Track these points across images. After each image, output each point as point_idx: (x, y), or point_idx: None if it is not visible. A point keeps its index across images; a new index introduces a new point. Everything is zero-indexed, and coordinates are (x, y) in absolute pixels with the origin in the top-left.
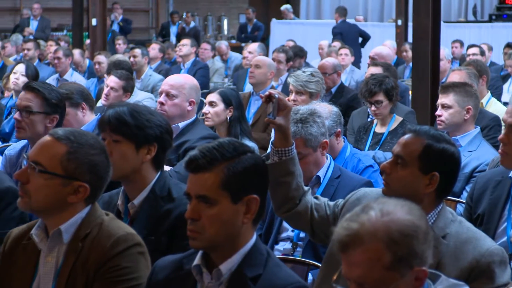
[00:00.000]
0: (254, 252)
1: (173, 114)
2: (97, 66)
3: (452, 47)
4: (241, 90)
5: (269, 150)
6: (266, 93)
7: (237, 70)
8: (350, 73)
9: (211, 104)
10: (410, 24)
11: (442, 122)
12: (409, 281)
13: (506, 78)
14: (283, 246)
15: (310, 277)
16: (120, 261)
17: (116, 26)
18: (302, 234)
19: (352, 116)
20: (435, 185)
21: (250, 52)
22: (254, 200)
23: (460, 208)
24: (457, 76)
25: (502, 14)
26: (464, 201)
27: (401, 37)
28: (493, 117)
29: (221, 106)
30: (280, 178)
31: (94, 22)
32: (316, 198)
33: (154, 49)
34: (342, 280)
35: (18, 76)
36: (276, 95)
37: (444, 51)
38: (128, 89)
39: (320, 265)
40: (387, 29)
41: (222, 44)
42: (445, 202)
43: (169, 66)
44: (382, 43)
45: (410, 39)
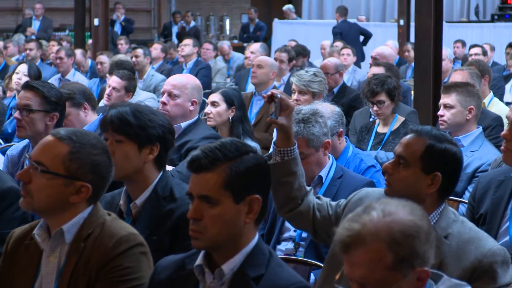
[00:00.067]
0: (256, 252)
1: (175, 114)
2: (99, 66)
3: (454, 47)
4: (243, 90)
5: (271, 150)
6: (269, 93)
7: (239, 70)
8: (352, 73)
9: (213, 104)
10: (412, 24)
11: (444, 122)
12: (411, 281)
13: (508, 78)
14: (285, 246)
15: (312, 277)
16: (122, 261)
17: (118, 26)
18: (304, 234)
19: (354, 116)
20: (437, 185)
21: (252, 52)
22: (256, 200)
23: (462, 208)
24: (459, 76)
25: (504, 14)
26: (466, 201)
27: (403, 37)
28: (495, 117)
29: (223, 106)
30: (282, 178)
31: (96, 22)
32: (318, 198)
33: (156, 49)
34: (344, 280)
35: (21, 76)
36: (278, 95)
37: (446, 51)
38: (130, 89)
39: (322, 265)
40: (389, 29)
41: (224, 44)
42: (447, 202)
43: (171, 66)
44: (384, 43)
45: (412, 39)
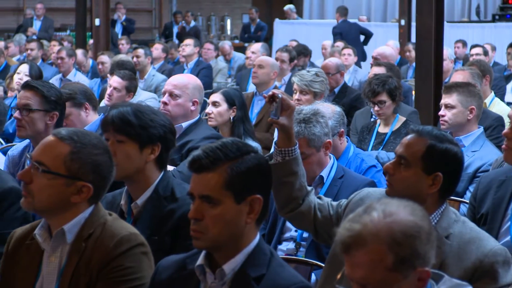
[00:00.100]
0: (258, 252)
1: (176, 114)
2: (100, 66)
3: (454, 47)
4: (244, 90)
5: (272, 150)
6: (270, 93)
7: (240, 70)
8: (353, 73)
9: (214, 104)
10: (413, 24)
11: (445, 122)
12: (412, 281)
13: (509, 78)
14: (286, 246)
15: (313, 277)
16: (123, 261)
17: (119, 26)
18: (306, 234)
19: (355, 116)
20: (439, 185)
21: (253, 52)
22: (257, 200)
23: (463, 208)
24: (460, 76)
25: (505, 14)
26: (467, 201)
27: (404, 37)
28: (496, 117)
29: (224, 106)
30: (283, 178)
31: (97, 22)
32: (319, 198)
33: (157, 49)
34: (345, 280)
35: (22, 76)
36: (279, 95)
37: (447, 51)
38: (131, 89)
39: (323, 265)
40: (390, 29)
41: (225, 44)
42: (448, 202)
43: (172, 66)
44: (385, 43)
45: (413, 39)
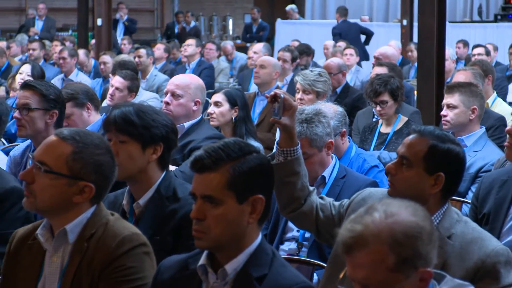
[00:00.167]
0: (260, 252)
1: (178, 114)
2: (102, 66)
3: (455, 47)
4: (246, 90)
5: (274, 150)
6: (272, 93)
7: (242, 70)
8: (355, 73)
9: (216, 104)
10: (415, 24)
11: (448, 122)
12: (413, 282)
13: (511, 78)
14: (289, 246)
15: (315, 277)
16: (125, 261)
17: (121, 26)
18: (308, 234)
19: (357, 116)
20: (441, 185)
21: (255, 52)
22: (259, 200)
23: (465, 208)
24: (462, 76)
25: (507, 14)
26: (469, 201)
27: (406, 37)
28: (498, 117)
29: (226, 106)
30: (285, 178)
31: (99, 22)
32: (321, 198)
33: (159, 49)
34: (347, 280)
35: (24, 76)
36: (281, 95)
37: (448, 51)
38: (133, 89)
39: (325, 265)
40: (392, 29)
41: (228, 44)
42: (450, 202)
43: (174, 66)
44: (387, 43)
45: (415, 39)
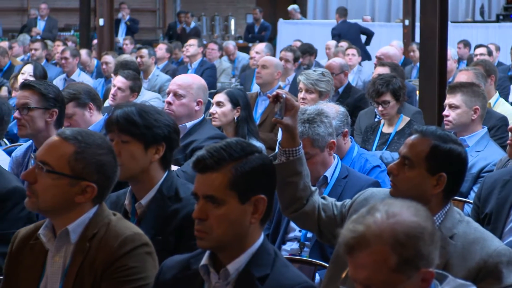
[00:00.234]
0: (262, 252)
1: (180, 114)
2: (104, 66)
3: (456, 47)
4: (248, 90)
5: (276, 150)
6: (274, 93)
7: (244, 70)
8: (357, 73)
9: (219, 104)
10: (417, 24)
11: (450, 122)
12: (415, 282)
13: None
14: (291, 246)
15: (317, 277)
16: (127, 261)
17: (123, 26)
18: (310, 234)
19: (359, 116)
20: (443, 185)
21: (257, 52)
22: (261, 200)
23: (467, 208)
24: (464, 76)
25: (509, 14)
26: (471, 201)
27: (408, 37)
28: (500, 117)
29: (228, 106)
30: (287, 178)
31: (101, 22)
32: (323, 198)
33: (161, 49)
34: (349, 281)
35: (26, 76)
36: (283, 95)
37: (450, 51)
38: (135, 89)
39: (327, 265)
40: (394, 29)
41: (230, 44)
42: (452, 202)
43: (176, 66)
44: (389, 43)
45: (417, 39)
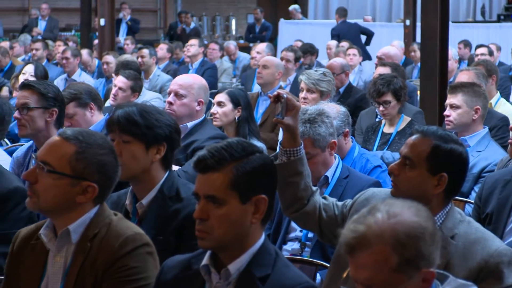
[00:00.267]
0: (263, 252)
1: (181, 114)
2: (105, 66)
3: (457, 48)
4: (249, 90)
5: (277, 150)
6: (275, 93)
7: (245, 70)
8: (358, 73)
9: (220, 104)
10: (418, 24)
11: (451, 122)
12: (416, 282)
13: None
14: (292, 246)
15: (318, 277)
16: (128, 261)
17: (124, 26)
18: (311, 234)
19: (360, 116)
20: (444, 186)
21: (258, 52)
22: (262, 200)
23: (468, 208)
24: (465, 76)
25: (510, 14)
26: (472, 201)
27: (409, 37)
28: (501, 117)
29: (229, 106)
30: (288, 178)
31: (102, 22)
32: (324, 198)
33: (162, 49)
34: (350, 280)
35: (27, 76)
36: (284, 95)
37: (451, 51)
38: (136, 89)
39: (328, 265)
40: (395, 29)
41: (231, 44)
42: (453, 202)
43: (177, 66)
44: (390, 43)
45: (418, 39)
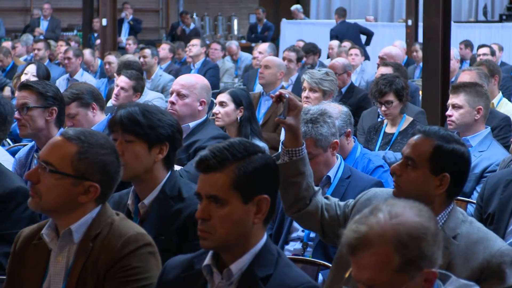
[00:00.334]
0: (265, 252)
1: (183, 113)
2: (107, 66)
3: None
4: (251, 90)
5: (279, 150)
6: (277, 93)
7: (247, 70)
8: (360, 73)
9: (222, 104)
10: (420, 24)
11: (453, 122)
12: (418, 282)
13: None
14: (294, 246)
15: (320, 277)
16: (130, 261)
17: (126, 25)
18: (313, 234)
19: (362, 116)
20: (446, 186)
21: (260, 52)
22: (264, 200)
23: (470, 208)
24: (467, 76)
25: None
26: (474, 201)
27: (411, 37)
28: (503, 117)
29: (231, 106)
30: (290, 178)
31: (104, 22)
32: (326, 198)
33: (164, 49)
34: (352, 281)
35: (29, 76)
36: (286, 95)
37: (452, 51)
38: (138, 89)
39: (330, 265)
40: (397, 29)
41: (232, 44)
42: (455, 202)
43: (179, 66)
44: (392, 43)
45: (420, 39)
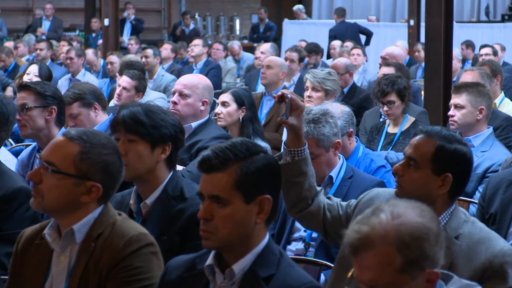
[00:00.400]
0: (267, 252)
1: (186, 113)
2: (109, 66)
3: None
4: (253, 90)
5: (282, 150)
6: (279, 93)
7: (249, 70)
8: (362, 73)
9: (224, 104)
10: (422, 24)
11: (455, 122)
12: (420, 283)
13: None
14: (296, 246)
15: (322, 277)
16: (132, 261)
17: (128, 25)
18: (315, 234)
19: (364, 116)
20: (448, 186)
21: (263, 52)
22: (266, 200)
23: (472, 208)
24: (469, 76)
25: None
26: (476, 201)
27: (413, 37)
28: (506, 117)
29: (233, 106)
30: (292, 178)
31: (106, 22)
32: (328, 198)
33: (166, 49)
34: (354, 281)
35: (31, 76)
36: (288, 95)
37: (454, 51)
38: (140, 89)
39: (332, 265)
40: (400, 29)
41: (235, 44)
42: (457, 202)
43: (181, 66)
44: (394, 43)
45: (422, 39)
